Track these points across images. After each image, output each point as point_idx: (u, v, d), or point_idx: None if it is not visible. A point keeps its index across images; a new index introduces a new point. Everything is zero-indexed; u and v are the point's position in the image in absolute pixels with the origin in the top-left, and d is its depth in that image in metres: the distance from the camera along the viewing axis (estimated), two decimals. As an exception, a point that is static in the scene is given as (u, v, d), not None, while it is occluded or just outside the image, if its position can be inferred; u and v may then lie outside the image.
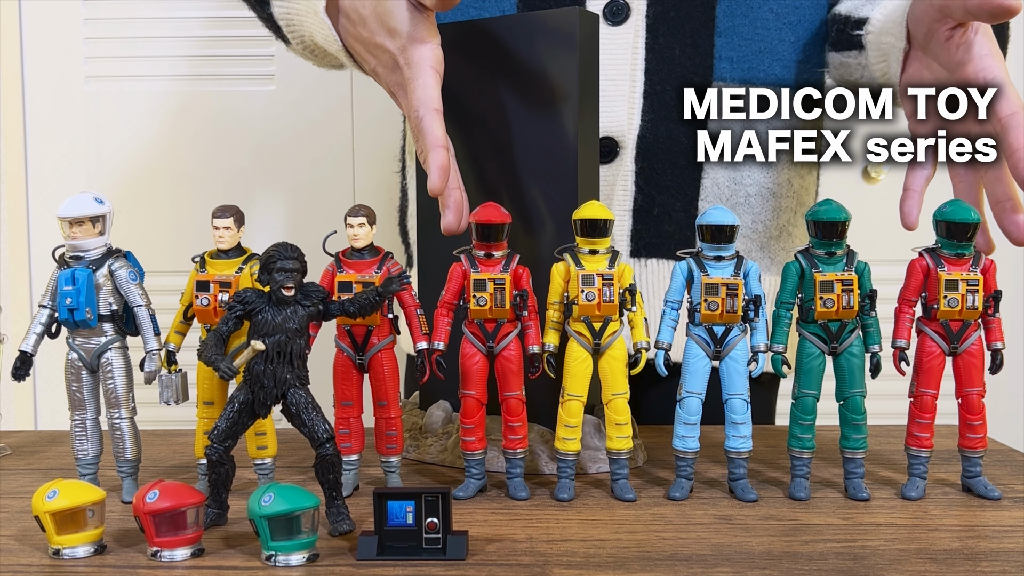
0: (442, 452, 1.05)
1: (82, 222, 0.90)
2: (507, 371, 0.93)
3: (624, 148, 1.17)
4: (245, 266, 0.92)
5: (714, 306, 0.90)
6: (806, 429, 0.93)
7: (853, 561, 0.76)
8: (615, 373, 0.92)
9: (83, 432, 0.93)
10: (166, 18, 2.07)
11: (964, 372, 0.92)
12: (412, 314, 0.93)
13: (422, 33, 0.92)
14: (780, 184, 1.23)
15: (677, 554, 0.78)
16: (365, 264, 0.92)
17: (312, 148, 2.06)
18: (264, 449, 0.95)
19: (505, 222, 0.92)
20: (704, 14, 1.17)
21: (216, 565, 0.76)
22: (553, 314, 0.93)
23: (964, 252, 0.91)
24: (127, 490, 0.93)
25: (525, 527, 0.84)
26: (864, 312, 0.92)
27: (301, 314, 0.84)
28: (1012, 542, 0.80)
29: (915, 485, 0.93)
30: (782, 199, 1.23)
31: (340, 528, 0.81)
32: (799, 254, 0.93)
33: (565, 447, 0.93)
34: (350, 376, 0.95)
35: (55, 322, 0.92)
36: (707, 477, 0.99)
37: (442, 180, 0.88)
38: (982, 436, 0.93)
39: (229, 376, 0.81)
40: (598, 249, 0.91)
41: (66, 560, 0.77)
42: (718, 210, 0.91)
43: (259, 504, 0.75)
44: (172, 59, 2.06)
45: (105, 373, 0.92)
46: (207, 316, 0.91)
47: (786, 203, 1.24)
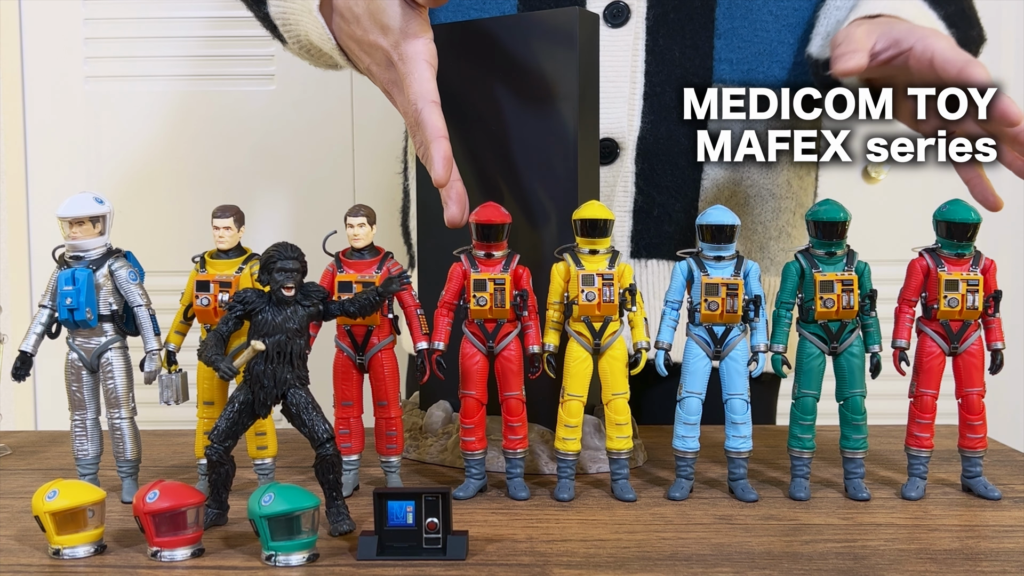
0: (442, 452, 1.05)
1: (82, 222, 0.90)
2: (507, 371, 0.93)
3: (624, 149, 1.18)
4: (245, 266, 0.92)
5: (714, 306, 0.90)
6: (806, 429, 0.93)
7: (853, 561, 0.76)
8: (615, 373, 0.92)
9: (83, 432, 0.93)
10: (166, 18, 2.07)
11: (964, 372, 0.92)
12: (412, 314, 0.93)
13: (415, 28, 0.92)
14: (779, 185, 1.23)
15: (677, 554, 0.78)
16: (365, 264, 0.92)
17: (312, 148, 2.06)
18: (264, 449, 0.95)
19: (505, 222, 0.92)
20: (704, 16, 1.17)
21: (216, 565, 0.76)
22: (553, 314, 0.93)
23: (964, 252, 0.91)
24: (127, 490, 0.93)
25: (525, 527, 0.84)
26: (864, 312, 0.92)
27: (301, 314, 0.84)
28: (1012, 542, 0.80)
29: (915, 485, 0.93)
30: (781, 200, 1.23)
31: (340, 528, 0.81)
32: (799, 254, 0.93)
33: (565, 447, 0.93)
34: (350, 376, 0.95)
35: (55, 322, 0.92)
36: (707, 477, 0.99)
37: (447, 170, 0.89)
38: (982, 436, 0.93)
39: (229, 376, 0.81)
40: (598, 249, 0.91)
41: (66, 560, 0.77)
42: (718, 210, 0.91)
43: (259, 504, 0.75)
44: (172, 59, 2.06)
45: (105, 373, 0.92)
46: (207, 316, 0.91)
47: (785, 204, 1.24)
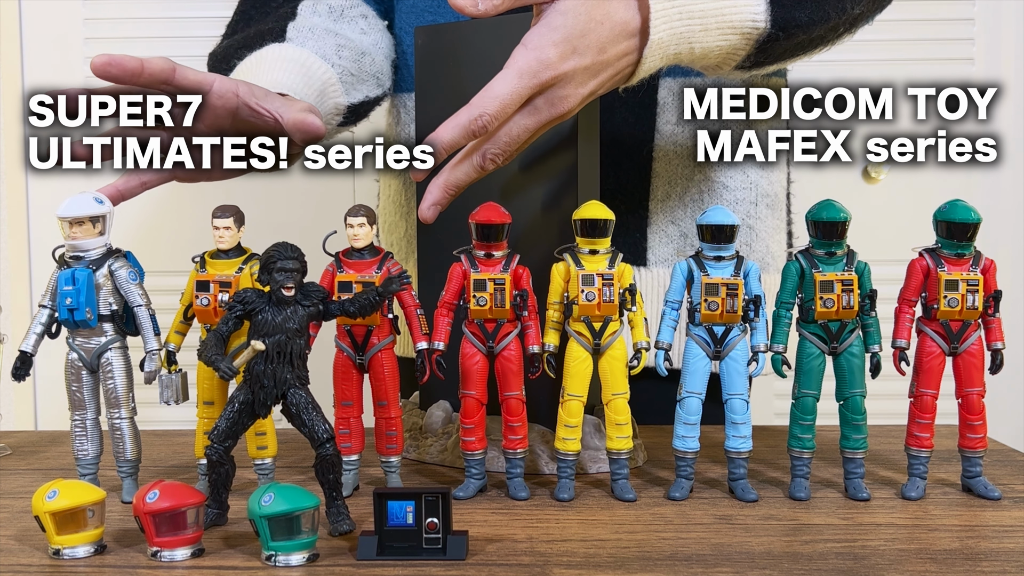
0: (442, 452, 1.05)
1: (82, 222, 0.90)
2: (507, 371, 0.93)
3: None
4: (245, 266, 0.92)
5: (714, 306, 0.90)
6: (806, 429, 0.93)
7: (853, 561, 0.76)
8: (615, 373, 0.92)
9: (83, 432, 0.93)
10: (166, 18, 2.07)
11: (964, 372, 0.92)
12: (412, 314, 0.93)
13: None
14: (733, 177, 1.22)
15: (677, 554, 0.78)
16: (365, 264, 0.92)
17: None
18: (264, 449, 0.95)
19: (505, 222, 0.92)
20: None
21: (216, 565, 0.76)
22: (553, 314, 0.93)
23: (964, 252, 0.91)
24: (127, 490, 0.93)
25: (525, 527, 0.84)
26: (864, 312, 0.92)
27: (301, 314, 0.84)
28: (1012, 542, 0.80)
29: (915, 485, 0.93)
30: (737, 191, 1.22)
31: (340, 528, 0.81)
32: (799, 254, 0.93)
33: (565, 447, 0.93)
34: (350, 376, 0.95)
35: (55, 322, 0.92)
36: (707, 477, 0.99)
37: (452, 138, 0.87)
38: (982, 436, 0.93)
39: (229, 376, 0.81)
40: (598, 249, 0.91)
41: (66, 560, 0.77)
42: (718, 210, 0.91)
43: (259, 504, 0.75)
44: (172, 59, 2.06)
45: (105, 373, 0.92)
46: (207, 316, 0.91)
47: (743, 195, 1.22)
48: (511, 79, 0.86)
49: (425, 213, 0.91)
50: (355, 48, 1.20)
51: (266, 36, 1.16)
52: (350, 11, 1.22)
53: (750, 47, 0.98)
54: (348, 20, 1.21)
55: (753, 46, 0.98)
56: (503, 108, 0.86)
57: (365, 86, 1.21)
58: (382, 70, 1.23)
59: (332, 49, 1.17)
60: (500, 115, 0.86)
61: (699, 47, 0.95)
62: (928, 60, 2.22)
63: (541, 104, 0.89)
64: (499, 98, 0.86)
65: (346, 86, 1.18)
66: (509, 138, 0.89)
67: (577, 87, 0.89)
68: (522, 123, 0.89)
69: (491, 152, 0.89)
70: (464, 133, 0.86)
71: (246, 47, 1.15)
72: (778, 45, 0.99)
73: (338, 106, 1.16)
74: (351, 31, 1.21)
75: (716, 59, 0.98)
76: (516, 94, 0.86)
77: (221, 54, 1.18)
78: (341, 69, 1.17)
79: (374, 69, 1.22)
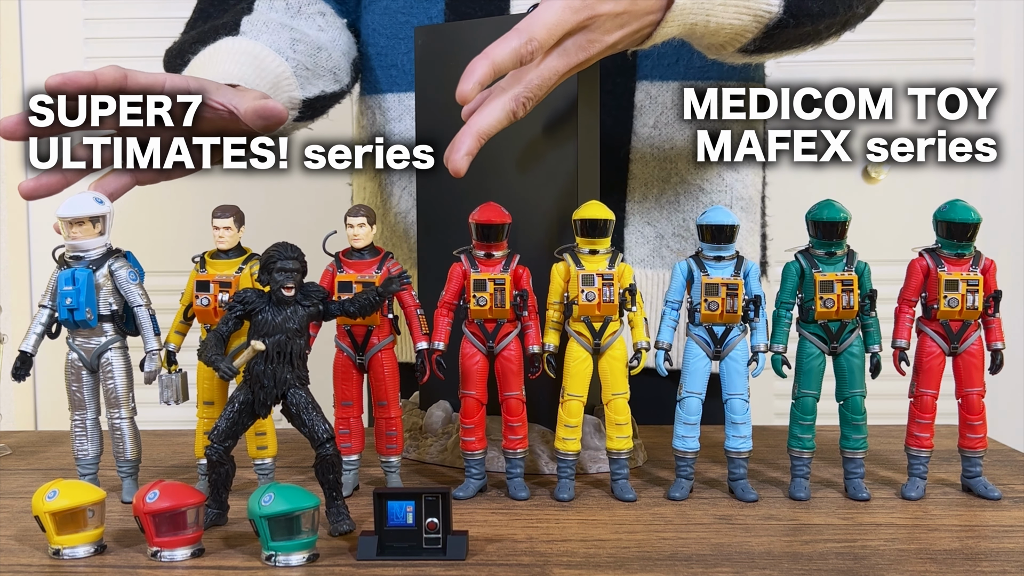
0: (442, 452, 1.05)
1: (82, 222, 0.90)
2: (507, 371, 0.93)
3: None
4: (245, 266, 0.92)
5: (714, 306, 0.90)
6: (806, 429, 0.93)
7: (853, 561, 0.76)
8: (615, 373, 0.92)
9: (83, 432, 0.93)
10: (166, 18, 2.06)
11: (964, 372, 0.92)
12: (412, 314, 0.93)
13: None
14: (709, 180, 1.22)
15: (677, 554, 0.78)
16: (365, 264, 0.92)
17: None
18: (264, 449, 0.95)
19: (505, 222, 0.92)
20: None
21: (216, 565, 0.76)
22: (553, 314, 0.93)
23: (964, 252, 0.91)
24: (127, 490, 0.93)
25: (525, 527, 0.84)
26: (864, 312, 0.92)
27: (301, 314, 0.84)
28: (1012, 542, 0.80)
29: (915, 485, 0.93)
30: (712, 195, 1.21)
31: (340, 528, 0.81)
32: (799, 254, 0.93)
33: (565, 447, 0.93)
34: (350, 376, 0.95)
35: (55, 322, 0.92)
36: (707, 477, 0.99)
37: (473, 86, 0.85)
38: (982, 436, 0.93)
39: (229, 376, 0.81)
40: (598, 249, 0.91)
41: (66, 560, 0.77)
42: (718, 210, 0.91)
43: (259, 504, 0.75)
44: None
45: (105, 373, 0.92)
46: (207, 316, 0.91)
47: (718, 198, 1.22)
48: (557, 9, 0.86)
49: (459, 163, 0.87)
50: (311, 43, 1.19)
51: (220, 30, 1.16)
52: (307, 8, 1.21)
53: (759, 30, 0.99)
54: (305, 16, 1.21)
55: (762, 30, 0.99)
56: (550, 36, 0.86)
57: (321, 81, 1.20)
58: (339, 66, 1.22)
59: (287, 43, 1.16)
60: (546, 44, 0.86)
61: (714, 21, 0.96)
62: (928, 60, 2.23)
63: (571, 46, 0.89)
64: (547, 26, 0.85)
65: (301, 80, 1.17)
66: (541, 79, 0.88)
67: (604, 33, 0.89)
68: (552, 64, 0.88)
69: (523, 95, 0.88)
70: (514, 57, 0.85)
71: (200, 42, 1.15)
72: (784, 32, 1.01)
73: (293, 100, 1.16)
74: (308, 27, 1.20)
75: (725, 37, 1.00)
76: (560, 25, 0.86)
77: (176, 50, 1.17)
78: (296, 63, 1.16)
79: (330, 64, 1.21)
